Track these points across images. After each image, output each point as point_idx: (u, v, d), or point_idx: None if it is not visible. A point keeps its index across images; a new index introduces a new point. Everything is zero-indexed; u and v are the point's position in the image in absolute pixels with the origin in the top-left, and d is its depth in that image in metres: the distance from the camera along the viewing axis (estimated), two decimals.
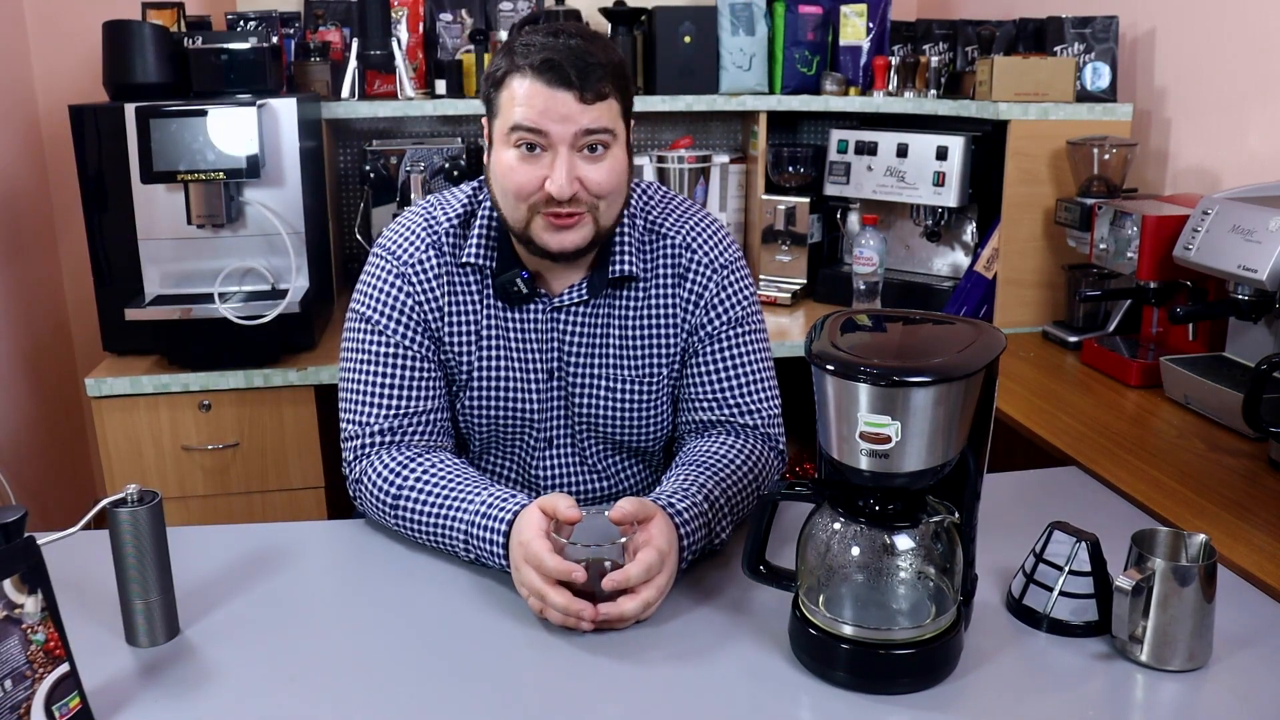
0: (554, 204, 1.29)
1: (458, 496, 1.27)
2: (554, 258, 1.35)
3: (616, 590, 1.12)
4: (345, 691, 1.05)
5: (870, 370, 0.96)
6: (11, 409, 2.55)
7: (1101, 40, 2.30)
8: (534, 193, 1.30)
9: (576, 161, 1.29)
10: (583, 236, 1.33)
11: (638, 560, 1.12)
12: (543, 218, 1.31)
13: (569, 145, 1.28)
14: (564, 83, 1.26)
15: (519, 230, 1.34)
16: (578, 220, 1.32)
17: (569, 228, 1.31)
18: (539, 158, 1.29)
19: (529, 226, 1.32)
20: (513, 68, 1.29)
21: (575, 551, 1.14)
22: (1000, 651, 1.10)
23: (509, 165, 1.30)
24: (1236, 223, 1.69)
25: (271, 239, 2.12)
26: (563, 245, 1.32)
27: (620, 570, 1.12)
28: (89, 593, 1.19)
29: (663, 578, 1.14)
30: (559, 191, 1.28)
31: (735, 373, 1.44)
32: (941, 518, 1.04)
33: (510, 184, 1.31)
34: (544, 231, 1.32)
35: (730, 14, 2.64)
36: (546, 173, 1.28)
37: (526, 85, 1.27)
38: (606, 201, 1.33)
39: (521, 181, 1.30)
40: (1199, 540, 1.11)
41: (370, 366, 1.39)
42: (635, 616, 1.13)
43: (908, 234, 2.66)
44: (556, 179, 1.28)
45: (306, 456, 2.17)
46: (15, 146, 2.64)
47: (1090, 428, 1.73)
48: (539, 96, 1.26)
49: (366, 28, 2.51)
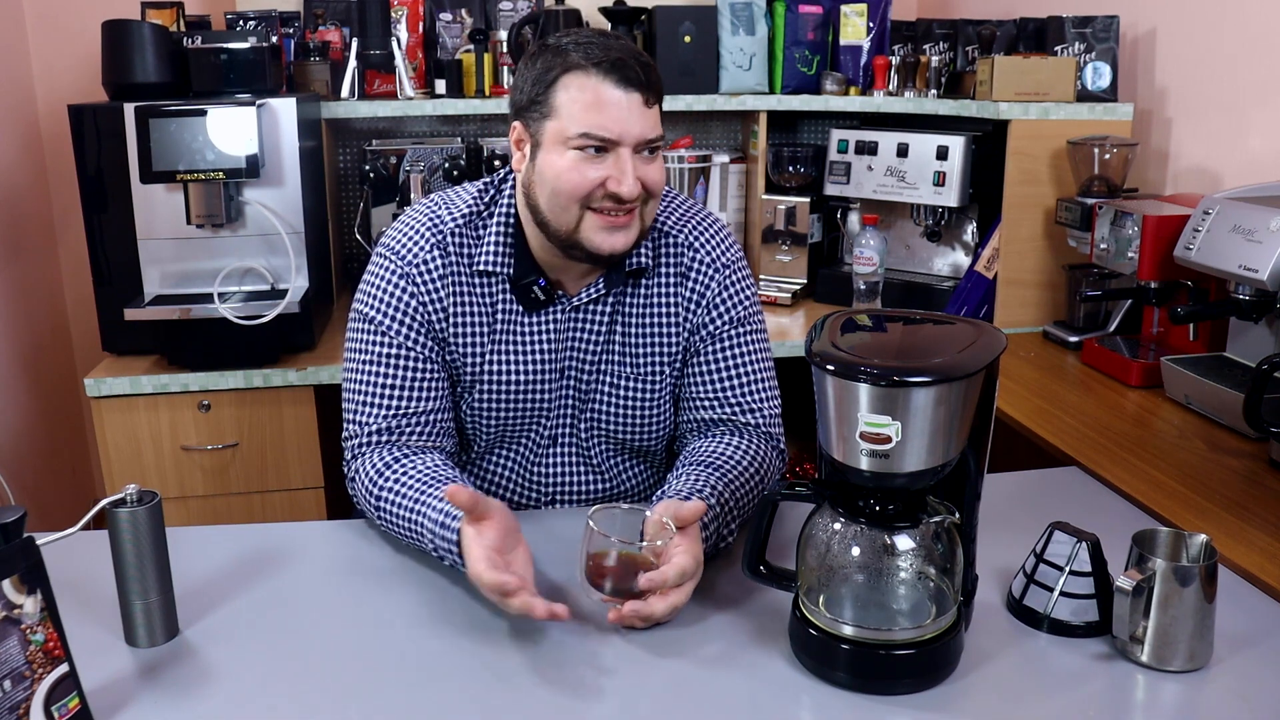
0: (611, 203, 1.28)
1: (431, 493, 1.26)
2: (597, 260, 1.33)
3: (648, 588, 1.11)
4: (345, 691, 1.05)
5: (870, 370, 0.96)
6: (11, 409, 2.55)
7: (1102, 40, 2.30)
8: (591, 193, 1.28)
9: (637, 162, 1.28)
10: (631, 237, 1.32)
11: (673, 564, 1.12)
12: (596, 216, 1.29)
13: (632, 149, 1.27)
14: (634, 84, 1.25)
15: (565, 233, 1.31)
16: (630, 220, 1.31)
17: (622, 228, 1.30)
18: (598, 159, 1.27)
19: (579, 228, 1.30)
20: (572, 66, 1.26)
21: (610, 545, 1.14)
22: (1001, 652, 1.10)
23: (566, 166, 1.28)
24: (1237, 223, 1.69)
25: (271, 239, 2.12)
26: (614, 247, 1.31)
27: (659, 571, 1.11)
28: (88, 593, 1.18)
29: (692, 583, 1.14)
30: (629, 192, 1.27)
31: (737, 372, 1.44)
32: (942, 518, 1.04)
33: (566, 185, 1.28)
34: (596, 232, 1.30)
35: (730, 14, 2.64)
36: (607, 173, 1.27)
37: (592, 86, 1.25)
38: (654, 202, 1.33)
39: (580, 182, 1.28)
40: (1199, 540, 1.10)
41: (372, 366, 1.39)
42: (661, 618, 1.13)
43: (908, 234, 2.66)
44: (626, 180, 1.26)
45: (306, 456, 2.17)
46: (15, 146, 2.64)
47: (1091, 428, 1.73)
48: (609, 99, 1.25)
49: (366, 27, 2.51)
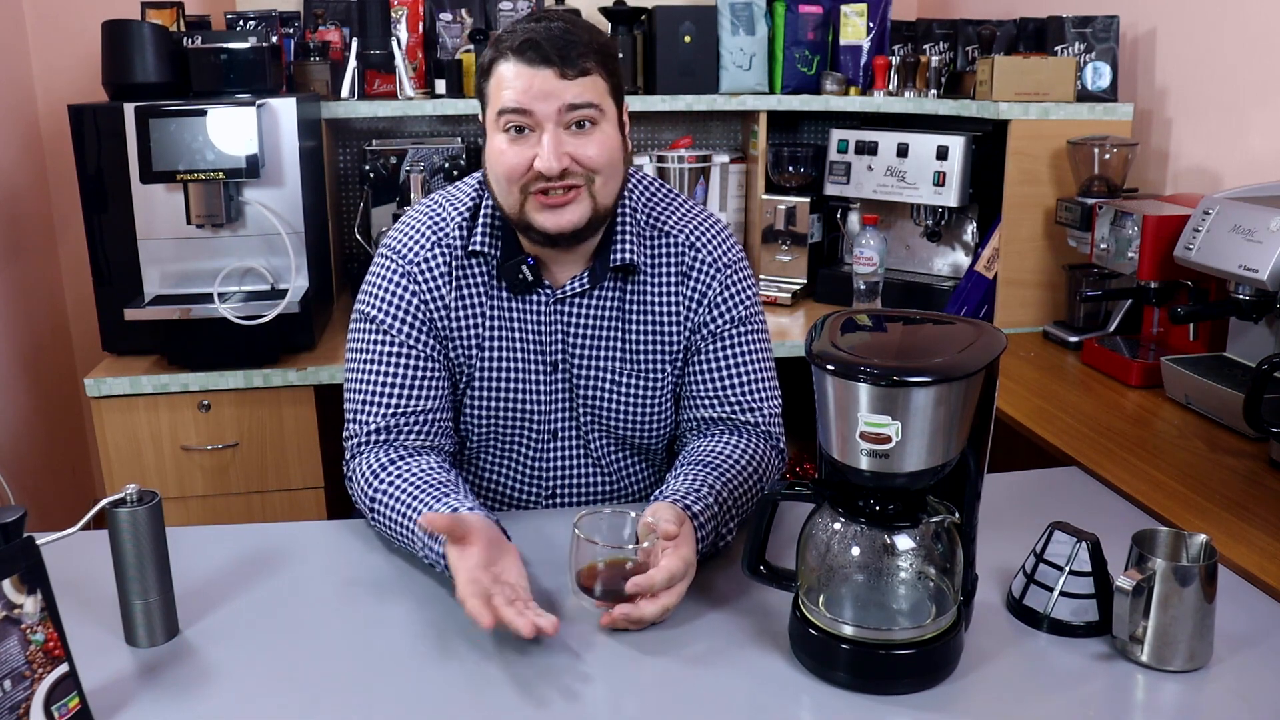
0: (544, 182, 1.29)
1: (423, 499, 1.26)
2: (553, 241, 1.34)
3: (635, 592, 1.11)
4: (345, 691, 1.05)
5: (870, 370, 0.96)
6: (11, 409, 2.55)
7: (1102, 40, 2.30)
8: (524, 174, 1.30)
9: (564, 138, 1.29)
10: (580, 214, 1.32)
11: (662, 566, 1.12)
12: (534, 199, 1.31)
13: (554, 122, 1.28)
14: (544, 60, 1.27)
15: (515, 216, 1.34)
16: (574, 197, 1.31)
17: (563, 206, 1.31)
18: (526, 139, 1.29)
19: (523, 211, 1.32)
20: (497, 55, 1.30)
21: (598, 551, 1.14)
22: (1001, 652, 1.10)
23: (499, 149, 1.31)
24: (1237, 223, 1.69)
25: (271, 239, 2.12)
26: (559, 225, 1.32)
27: (645, 575, 1.11)
28: (88, 593, 1.18)
29: (684, 584, 1.14)
30: (547, 167, 1.27)
31: (737, 371, 1.44)
32: (942, 518, 1.04)
33: (501, 167, 1.31)
34: (538, 213, 1.31)
35: (730, 14, 2.64)
36: (534, 152, 1.28)
37: (510, 68, 1.28)
38: (602, 177, 1.32)
39: (511, 164, 1.30)
40: (1199, 540, 1.10)
41: (374, 366, 1.39)
42: (652, 620, 1.13)
43: (908, 234, 2.66)
44: (544, 155, 1.27)
45: (306, 456, 2.17)
46: (15, 146, 2.64)
47: (1091, 428, 1.73)
48: (521, 77, 1.27)
49: (366, 27, 2.51)
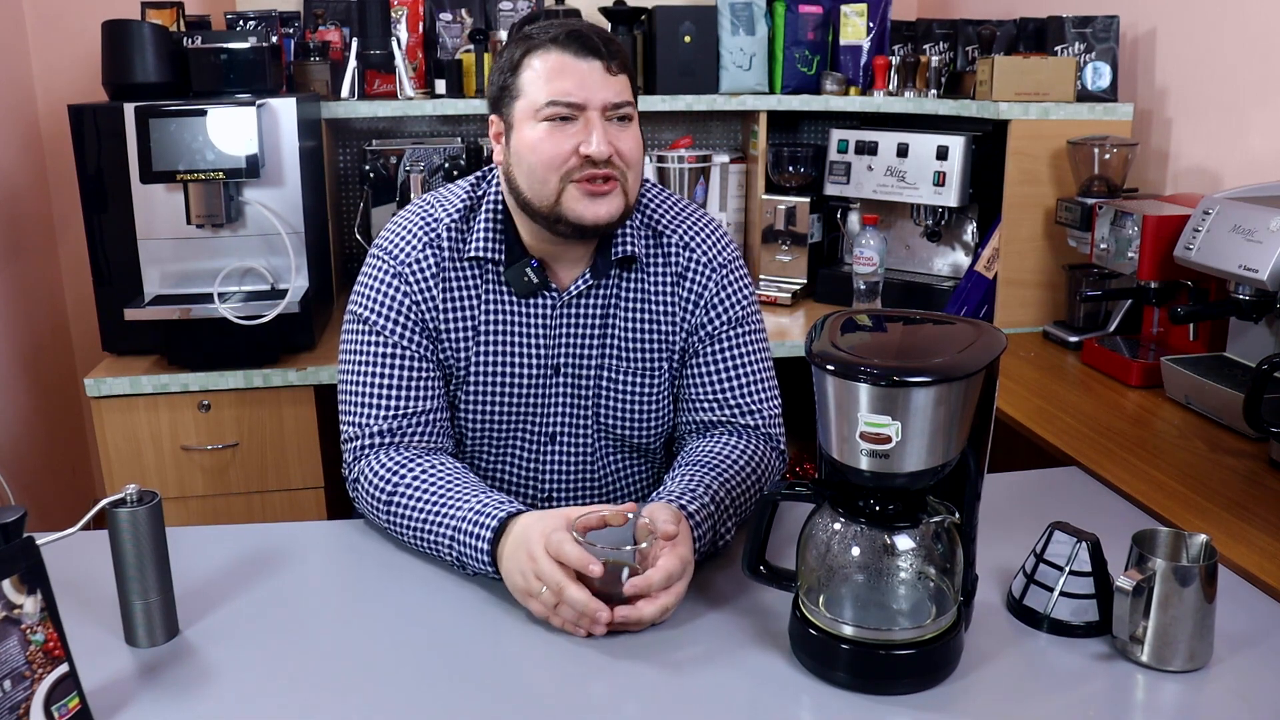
0: (589, 169, 1.29)
1: (451, 499, 1.26)
2: (583, 233, 1.33)
3: (634, 594, 1.11)
4: (345, 691, 1.05)
5: (870, 370, 0.96)
6: (11, 409, 2.55)
7: (1102, 40, 2.30)
8: (566, 159, 1.29)
9: (608, 128, 1.30)
10: (616, 207, 1.32)
11: (660, 566, 1.12)
12: (577, 186, 1.30)
13: (599, 113, 1.29)
14: (593, 52, 1.28)
15: (547, 206, 1.32)
16: (612, 188, 1.31)
17: (604, 195, 1.31)
18: (565, 128, 1.29)
19: (560, 200, 1.31)
20: (534, 47, 1.30)
21: (594, 552, 1.14)
22: (1001, 652, 1.10)
23: (539, 138, 1.30)
24: (1237, 223, 1.69)
25: (271, 239, 2.12)
26: (597, 216, 1.31)
27: (643, 575, 1.11)
28: (88, 593, 1.18)
29: (682, 584, 1.14)
30: (598, 152, 1.28)
31: (736, 373, 1.43)
32: (942, 518, 1.04)
33: (541, 156, 1.30)
34: (578, 202, 1.31)
35: (730, 14, 2.64)
36: (579, 139, 1.29)
37: (553, 59, 1.28)
38: (633, 173, 1.34)
39: (554, 152, 1.29)
40: (1200, 540, 1.10)
41: (368, 367, 1.38)
42: (652, 621, 1.13)
43: (908, 234, 2.66)
44: (594, 140, 1.28)
45: (306, 457, 2.17)
46: (15, 146, 2.64)
47: (1091, 428, 1.73)
48: (570, 67, 1.28)
49: (366, 27, 2.51)
